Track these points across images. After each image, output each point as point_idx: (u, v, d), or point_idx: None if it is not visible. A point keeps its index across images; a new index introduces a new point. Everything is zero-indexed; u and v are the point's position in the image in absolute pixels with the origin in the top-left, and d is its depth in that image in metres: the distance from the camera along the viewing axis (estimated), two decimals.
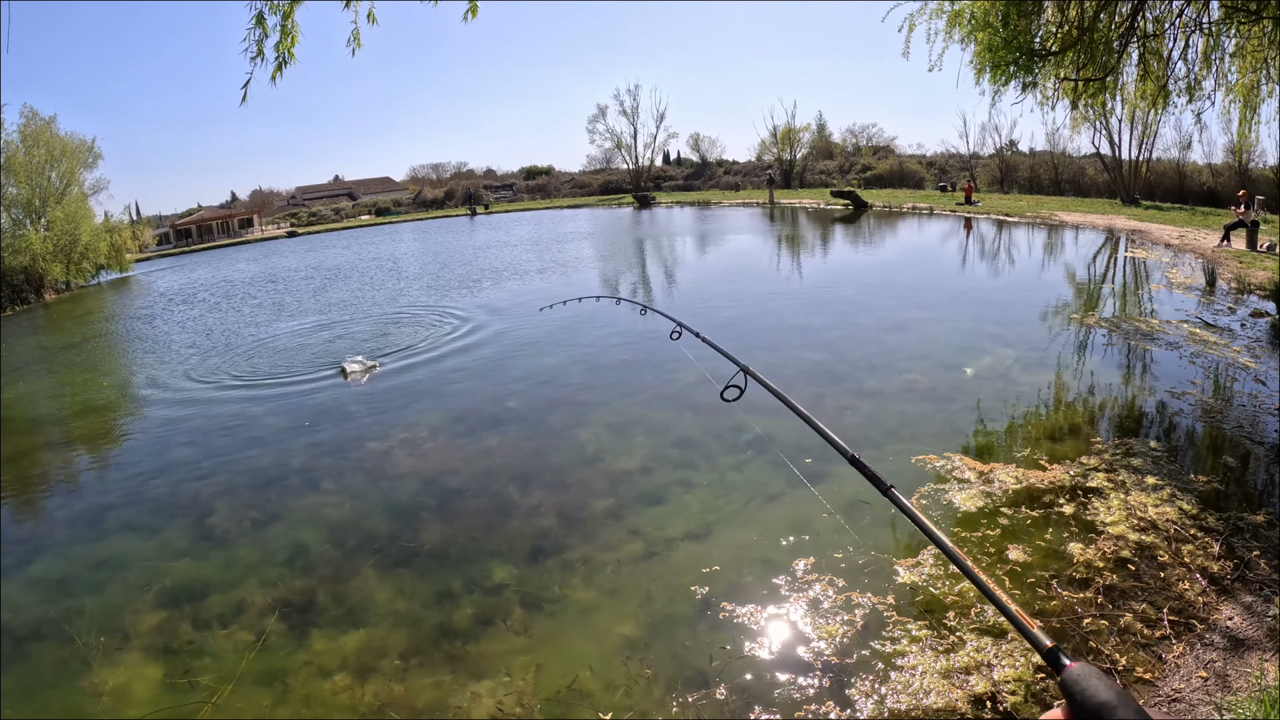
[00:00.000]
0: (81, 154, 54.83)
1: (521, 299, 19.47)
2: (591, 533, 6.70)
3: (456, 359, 13.43)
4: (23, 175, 50.71)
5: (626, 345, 13.44)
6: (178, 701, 5.05)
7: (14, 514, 9.21)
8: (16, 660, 5.86)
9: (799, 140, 70.53)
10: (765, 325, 13.87)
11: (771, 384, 2.99)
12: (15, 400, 15.99)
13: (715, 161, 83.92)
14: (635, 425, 9.30)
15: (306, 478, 8.72)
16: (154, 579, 6.74)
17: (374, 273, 30.96)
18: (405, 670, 5.10)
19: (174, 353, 18.11)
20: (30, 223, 51.74)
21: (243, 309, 24.73)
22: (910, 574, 5.47)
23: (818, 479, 7.20)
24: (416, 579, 6.29)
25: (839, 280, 18.63)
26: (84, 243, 52.73)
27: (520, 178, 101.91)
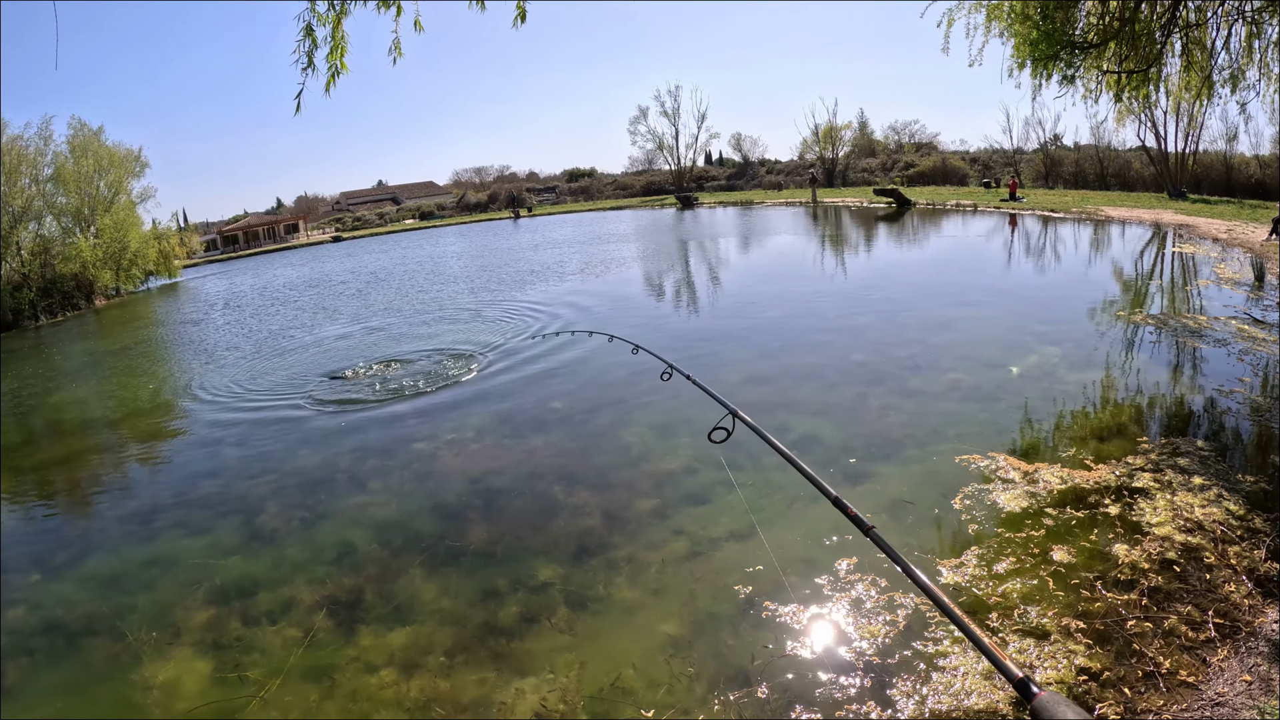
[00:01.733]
0: (129, 163, 56.91)
1: (572, 300, 19.65)
2: (636, 532, 6.80)
3: (505, 360, 13.62)
4: (72, 185, 52.68)
5: (672, 343, 13.51)
6: (226, 695, 5.24)
7: (66, 514, 9.63)
8: (68, 654, 6.14)
9: (841, 138, 70.46)
10: (809, 325, 13.87)
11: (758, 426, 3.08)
12: (67, 403, 16.60)
13: (757, 161, 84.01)
14: (679, 426, 9.38)
15: (354, 478, 8.95)
16: (204, 577, 7.00)
17: (420, 275, 31.43)
18: (450, 667, 5.23)
19: (222, 356, 18.62)
20: (80, 231, 53.68)
21: (289, 312, 25.28)
22: (954, 574, 5.48)
23: (861, 479, 7.23)
24: (462, 577, 6.44)
25: (883, 279, 18.53)
26: (133, 250, 54.59)
27: (563, 180, 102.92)
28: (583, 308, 18.27)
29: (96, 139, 54.88)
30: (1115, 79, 11.41)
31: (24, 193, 50.65)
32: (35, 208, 51.72)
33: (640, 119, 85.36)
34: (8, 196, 49.58)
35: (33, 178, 51.73)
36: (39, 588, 7.46)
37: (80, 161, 53.33)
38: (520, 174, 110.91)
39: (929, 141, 71.46)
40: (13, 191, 49.78)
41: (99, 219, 53.82)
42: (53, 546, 8.50)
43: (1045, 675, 4.37)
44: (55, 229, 53.87)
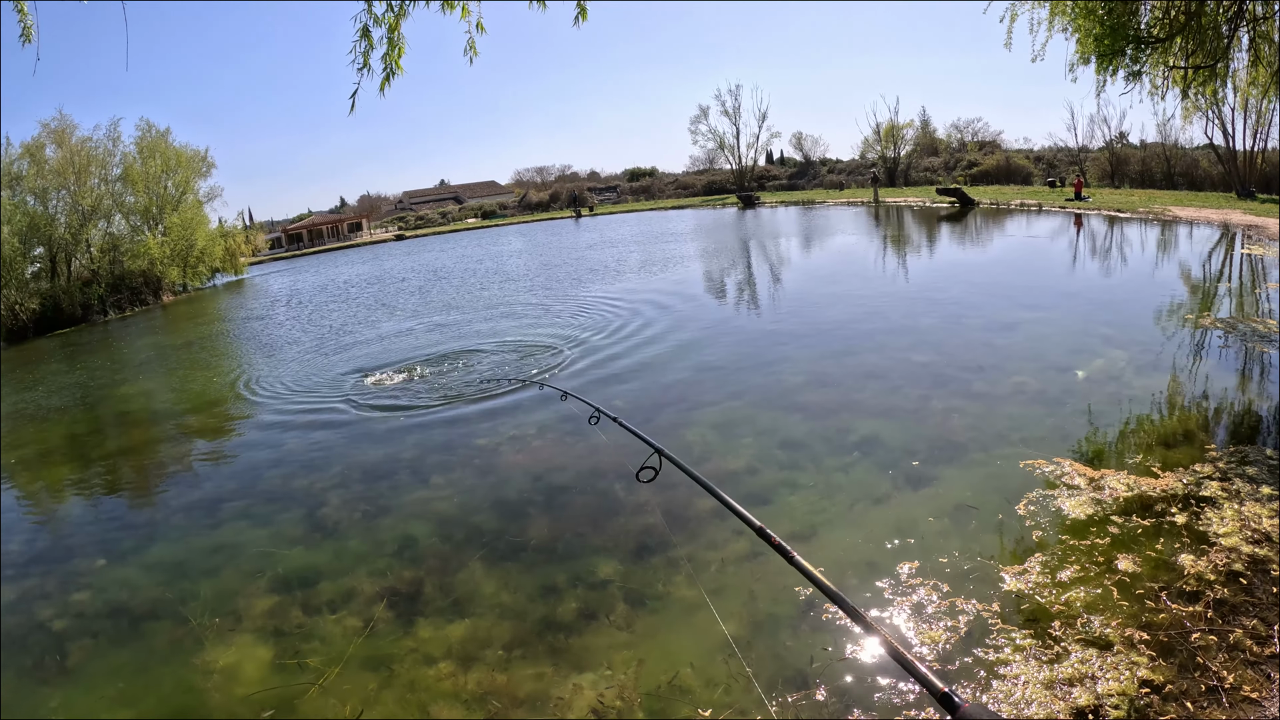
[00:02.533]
0: (196, 163, 59.08)
1: (628, 299, 19.71)
2: (696, 531, 6.79)
3: (567, 358, 13.71)
4: (140, 184, 54.77)
5: (737, 344, 13.49)
6: (286, 682, 5.35)
7: (133, 502, 9.97)
8: (132, 637, 6.36)
9: (902, 137, 69.74)
10: (872, 327, 13.72)
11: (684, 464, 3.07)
12: (134, 395, 17.13)
13: (819, 160, 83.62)
14: (742, 426, 9.35)
15: (416, 472, 9.09)
16: (267, 565, 7.18)
17: (480, 273, 31.77)
18: (508, 661, 5.27)
19: (285, 351, 19.04)
20: (148, 229, 55.62)
21: (350, 308, 25.75)
22: (1016, 581, 5.38)
23: (924, 482, 7.13)
24: (522, 572, 6.49)
25: (946, 280, 18.25)
26: (199, 247, 56.45)
27: (624, 179, 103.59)
28: (639, 307, 18.26)
29: (164, 140, 57.03)
30: (1181, 75, 11.14)
31: (93, 192, 52.71)
32: (104, 207, 53.90)
33: (701, 118, 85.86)
34: (77, 196, 51.57)
35: (102, 178, 53.90)
36: (105, 572, 7.74)
37: (148, 162, 55.45)
38: (581, 173, 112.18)
39: (992, 140, 70.28)
40: (82, 191, 51.83)
41: (167, 217, 55.85)
42: (119, 533, 8.82)
43: (1107, 687, 4.26)
44: (124, 227, 56.17)
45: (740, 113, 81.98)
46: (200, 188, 59.90)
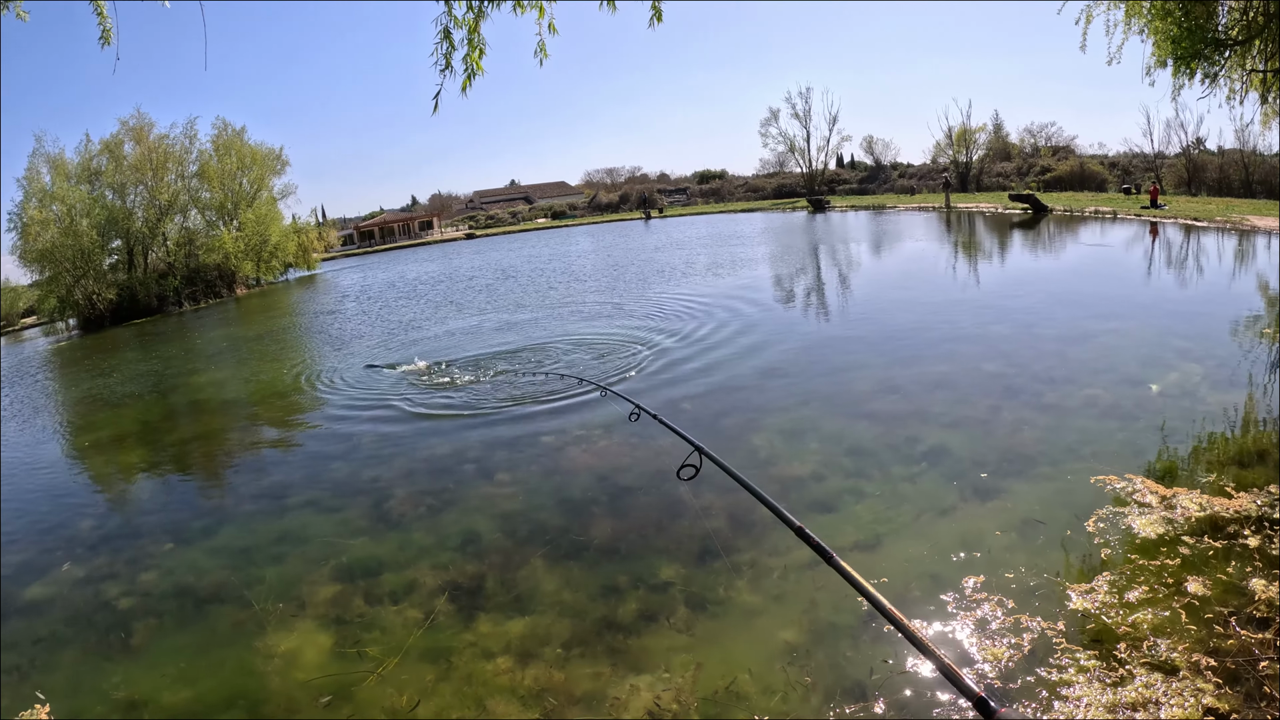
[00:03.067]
0: (270, 161, 61.23)
1: (697, 301, 19.68)
2: (760, 537, 6.74)
3: (632, 361, 13.74)
4: (216, 181, 56.96)
5: (805, 349, 13.40)
6: (345, 669, 5.44)
7: (202, 487, 10.26)
8: (196, 618, 6.55)
9: (975, 141, 68.57)
10: (942, 334, 13.48)
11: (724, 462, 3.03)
12: (207, 384, 17.63)
13: (889, 164, 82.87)
14: (808, 432, 9.26)
15: (482, 468, 9.18)
16: (331, 555, 7.32)
17: (549, 273, 32.03)
18: (566, 659, 5.28)
19: (353, 345, 19.40)
20: (223, 224, 57.56)
21: (419, 305, 26.14)
22: (1083, 600, 5.23)
23: (992, 495, 6.99)
24: (584, 571, 6.50)
25: (1019, 288, 17.86)
26: (273, 243, 58.22)
27: (694, 181, 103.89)
28: (707, 309, 18.20)
29: (239, 138, 59.17)
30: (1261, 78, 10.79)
31: (170, 188, 54.91)
32: (181, 202, 56.20)
33: (771, 121, 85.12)
34: (154, 191, 53.59)
35: (179, 174, 56.23)
36: (172, 554, 7.99)
37: (224, 159, 57.56)
38: (651, 175, 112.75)
39: (1066, 145, 68.65)
40: (159, 186, 53.99)
41: (241, 213, 57.88)
42: (188, 517, 9.10)
43: (1170, 713, 4.12)
44: (199, 222, 58.59)
45: (810, 115, 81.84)
46: (274, 185, 62.06)
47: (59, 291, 50.11)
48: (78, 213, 50.07)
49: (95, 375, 24.07)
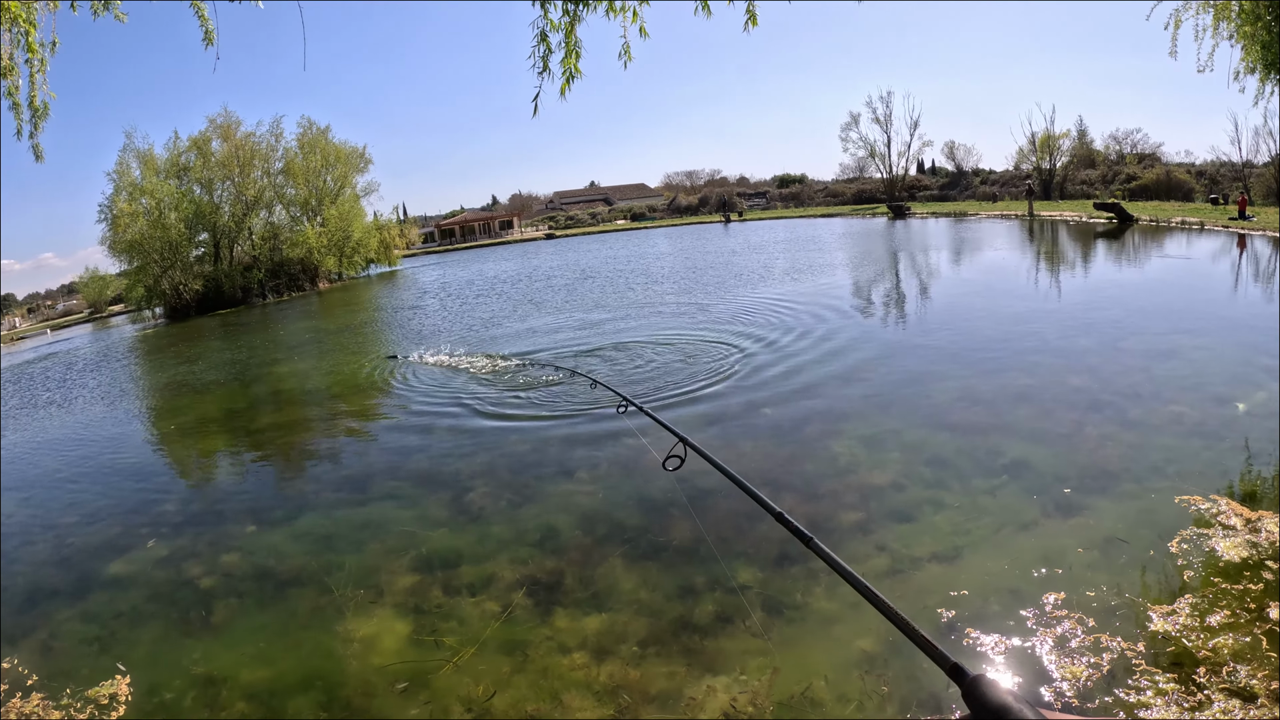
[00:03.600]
0: (354, 159, 63.18)
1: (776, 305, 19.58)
2: (838, 544, 6.66)
3: (711, 363, 13.71)
4: (300, 178, 58.97)
5: (886, 357, 13.22)
6: (422, 657, 5.54)
7: (285, 474, 10.58)
8: (276, 600, 6.75)
9: (1058, 148, 66.53)
10: (1025, 346, 13.17)
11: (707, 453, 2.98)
12: (289, 375, 18.10)
13: (971, 170, 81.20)
14: (889, 441, 9.14)
15: (562, 466, 9.26)
16: (411, 545, 7.46)
17: (628, 274, 32.15)
18: (642, 657, 5.29)
19: (433, 340, 19.70)
20: (307, 219, 59.44)
21: (498, 303, 26.46)
22: (1164, 622, 5.07)
23: (1074, 511, 6.81)
24: (662, 572, 6.50)
25: (1103, 300, 17.34)
26: (355, 239, 59.87)
27: (773, 185, 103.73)
28: (785, 315, 18.04)
29: (324, 137, 61.18)
30: None
31: (256, 184, 57.23)
32: (266, 198, 58.48)
33: (851, 125, 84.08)
34: (241, 187, 55.74)
35: (264, 170, 58.47)
36: (254, 538, 8.24)
37: (309, 157, 59.53)
38: (731, 178, 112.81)
39: (1151, 152, 66.34)
40: (246, 182, 56.25)
41: (325, 209, 59.73)
42: (270, 502, 9.38)
43: None
44: (284, 217, 60.85)
45: (891, 120, 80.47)
46: (358, 182, 63.98)
47: (146, 281, 52.48)
48: (166, 206, 52.34)
49: (180, 362, 24.91)
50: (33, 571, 8.45)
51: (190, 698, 5.47)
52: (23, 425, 18.45)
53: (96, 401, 19.88)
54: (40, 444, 15.36)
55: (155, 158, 54.11)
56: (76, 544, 8.98)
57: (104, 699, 5.57)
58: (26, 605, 7.58)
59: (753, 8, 5.59)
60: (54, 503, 10.84)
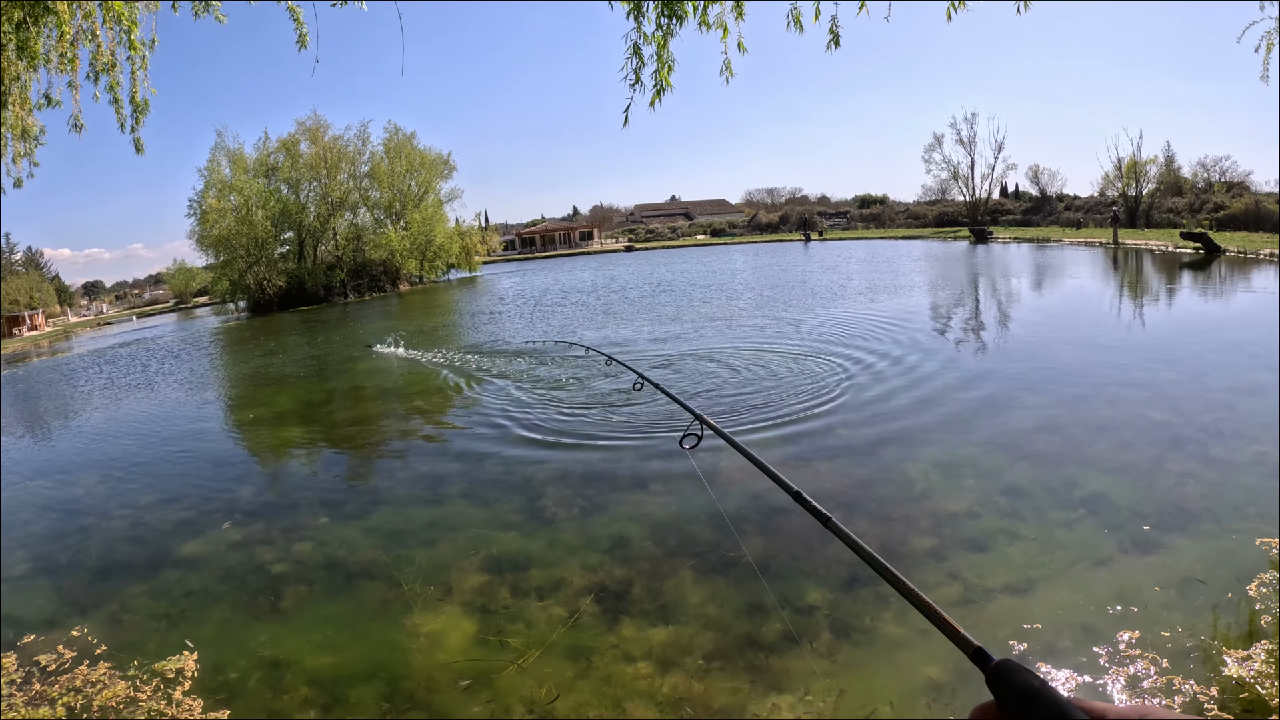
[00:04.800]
0: (439, 165, 64.77)
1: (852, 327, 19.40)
2: (910, 569, 6.55)
3: (785, 380, 13.64)
4: (385, 181, 60.63)
5: (964, 382, 12.98)
6: (486, 656, 5.58)
7: (359, 468, 10.83)
8: (345, 591, 6.88)
9: (1145, 174, 64.67)
10: (1107, 377, 12.80)
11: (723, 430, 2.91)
12: (367, 372, 18.45)
13: (1055, 195, 79.88)
14: (966, 467, 8.97)
15: (636, 476, 9.27)
16: (482, 546, 7.54)
17: (706, 289, 32.16)
18: (706, 671, 5.25)
19: (509, 345, 19.93)
20: (390, 222, 60.88)
21: (575, 311, 26.65)
22: (1239, 667, 4.88)
23: (1151, 549, 6.61)
24: (730, 587, 6.46)
25: (1188, 333, 16.80)
26: (437, 243, 61.19)
27: (854, 205, 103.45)
28: (864, 337, 17.83)
29: (409, 142, 62.84)
30: None
31: (342, 186, 59.14)
32: (351, 200, 60.38)
33: (935, 146, 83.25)
34: (327, 188, 57.53)
35: (350, 173, 60.32)
36: (327, 529, 8.41)
37: (394, 161, 61.19)
38: (812, 197, 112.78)
39: (1240, 181, 64.19)
40: (332, 184, 58.01)
41: (408, 213, 61.25)
42: (344, 495, 9.60)
43: None
44: (368, 219, 62.58)
45: (975, 142, 79.67)
46: (441, 188, 65.52)
47: (232, 275, 54.46)
48: (254, 204, 54.51)
49: (261, 355, 25.60)
50: (108, 546, 8.78)
51: (255, 679, 5.60)
52: (107, 405, 19.15)
53: (179, 388, 20.54)
54: (123, 425, 15.94)
55: (245, 157, 56.45)
56: (152, 523, 9.29)
57: (170, 673, 5.74)
58: (99, 578, 7.89)
59: (835, 28, 5.59)
60: (133, 482, 11.24)
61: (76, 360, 35.40)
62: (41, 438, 16.66)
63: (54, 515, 10.26)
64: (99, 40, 5.90)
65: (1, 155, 6.52)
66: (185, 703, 5.35)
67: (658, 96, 5.72)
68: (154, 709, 5.31)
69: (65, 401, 22.17)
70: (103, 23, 5.88)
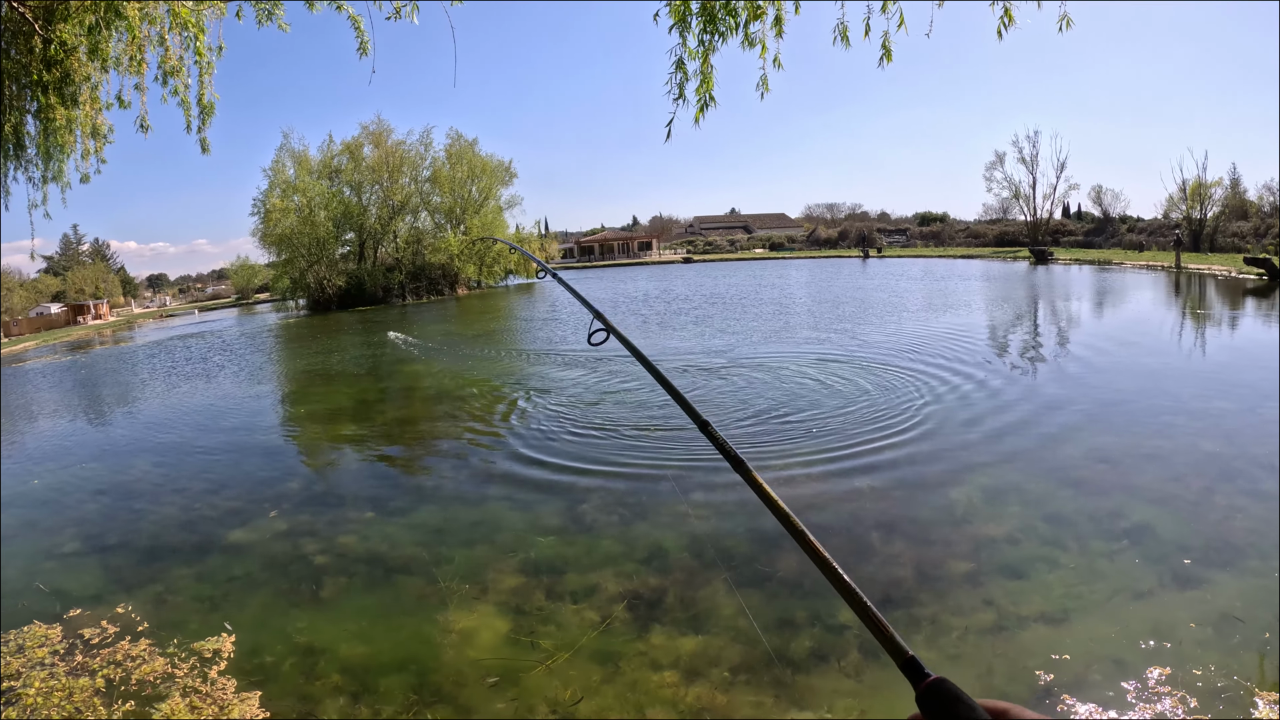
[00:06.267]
0: (499, 172, 65.93)
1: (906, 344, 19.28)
2: (944, 593, 6.55)
3: (838, 396, 13.62)
4: (446, 187, 61.95)
5: (1013, 405, 12.83)
6: (517, 655, 5.71)
7: (406, 467, 11.09)
8: (384, 585, 7.10)
9: (1209, 197, 62.89)
10: (1160, 405, 12.55)
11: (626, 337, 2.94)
12: (421, 374, 18.78)
13: (1118, 217, 78.24)
14: (1009, 492, 8.90)
15: (679, 486, 9.37)
16: (520, 548, 7.71)
17: (764, 303, 32.13)
18: (731, 683, 5.31)
19: (564, 354, 20.12)
20: (450, 227, 61.90)
21: (633, 320, 26.78)
22: (1270, 709, 4.80)
23: (1192, 583, 6.51)
24: (763, 602, 6.51)
25: (1245, 362, 16.36)
26: (496, 249, 61.29)
27: (914, 223, 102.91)
28: (917, 357, 17.66)
29: (471, 149, 64.07)
30: None
31: (404, 190, 60.48)
32: (412, 203, 61.63)
33: (996, 164, 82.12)
34: (389, 191, 58.82)
35: (412, 177, 61.84)
36: (370, 523, 8.65)
37: (455, 167, 62.37)
38: (871, 213, 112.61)
39: None
40: (394, 188, 59.35)
41: (468, 219, 62.36)
42: (389, 492, 9.85)
43: None
44: (428, 223, 63.69)
45: (1038, 161, 78.37)
46: (502, 195, 66.63)
47: (293, 273, 55.83)
48: (316, 205, 55.99)
49: (318, 352, 26.13)
50: (157, 529, 9.13)
51: (289, 663, 5.82)
52: (166, 393, 19.69)
53: (235, 380, 21.08)
54: (179, 413, 16.46)
55: (309, 158, 57.85)
56: (202, 510, 9.64)
57: (208, 653, 5.99)
58: (147, 559, 8.23)
59: (888, 43, 5.64)
60: (186, 469, 11.67)
61: (139, 350, 36.47)
62: (99, 422, 17.22)
63: (107, 498, 10.68)
64: (167, 45, 6.20)
65: (72, 151, 6.86)
66: (220, 682, 5.58)
67: (701, 111, 5.83)
68: (189, 685, 5.55)
69: (125, 389, 22.88)
70: (170, 28, 6.16)
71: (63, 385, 26.24)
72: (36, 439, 15.78)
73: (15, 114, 6.75)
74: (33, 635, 6.52)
